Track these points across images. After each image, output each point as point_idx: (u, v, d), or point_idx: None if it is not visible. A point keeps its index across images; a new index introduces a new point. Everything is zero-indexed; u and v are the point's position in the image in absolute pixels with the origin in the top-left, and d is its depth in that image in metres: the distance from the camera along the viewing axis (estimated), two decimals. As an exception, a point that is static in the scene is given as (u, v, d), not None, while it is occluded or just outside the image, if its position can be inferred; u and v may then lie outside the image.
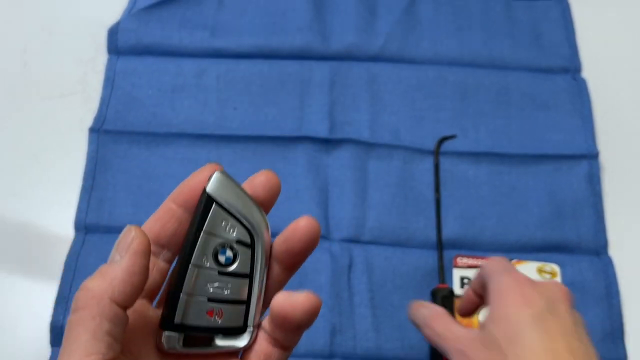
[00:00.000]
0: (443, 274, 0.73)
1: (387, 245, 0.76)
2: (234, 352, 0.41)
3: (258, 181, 0.42)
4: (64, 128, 0.83)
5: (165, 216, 0.42)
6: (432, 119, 0.83)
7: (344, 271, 0.74)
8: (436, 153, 0.80)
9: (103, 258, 0.73)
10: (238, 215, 0.40)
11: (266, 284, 0.42)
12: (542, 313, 0.53)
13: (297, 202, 0.77)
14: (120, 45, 0.86)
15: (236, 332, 0.41)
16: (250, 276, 0.41)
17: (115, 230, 0.74)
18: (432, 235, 0.76)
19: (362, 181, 0.79)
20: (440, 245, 0.75)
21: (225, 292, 0.40)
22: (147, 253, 0.38)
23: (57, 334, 0.70)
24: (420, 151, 0.80)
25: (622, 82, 0.87)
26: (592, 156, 0.80)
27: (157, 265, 0.42)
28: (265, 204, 0.42)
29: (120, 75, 0.85)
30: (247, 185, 0.42)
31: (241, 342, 0.41)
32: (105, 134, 0.81)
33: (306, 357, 0.70)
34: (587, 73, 0.86)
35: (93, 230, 0.76)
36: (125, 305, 0.37)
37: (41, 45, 0.89)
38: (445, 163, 0.80)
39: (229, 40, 0.86)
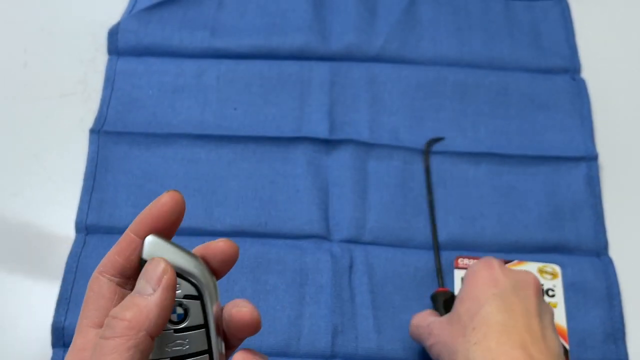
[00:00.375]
0: (442, 277, 0.73)
1: (387, 245, 0.76)
2: None
3: (214, 247, 0.44)
4: (64, 128, 0.83)
5: (129, 248, 0.42)
6: (432, 119, 0.83)
7: (344, 272, 0.74)
8: (426, 155, 0.80)
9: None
10: (179, 272, 0.41)
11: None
12: (506, 292, 0.56)
13: (297, 202, 0.77)
14: (121, 45, 0.86)
15: (198, 354, 0.41)
16: (205, 325, 0.42)
17: (116, 231, 0.75)
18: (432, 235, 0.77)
19: (362, 182, 0.79)
20: (437, 249, 0.75)
21: (185, 348, 0.41)
22: (174, 288, 0.40)
23: (58, 335, 0.70)
24: (420, 151, 0.80)
25: (622, 83, 0.87)
26: (591, 158, 0.80)
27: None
28: (219, 270, 0.44)
29: (121, 76, 0.85)
30: (202, 249, 0.43)
31: None
32: (105, 134, 0.81)
33: (307, 357, 0.70)
34: (586, 73, 0.87)
35: (94, 231, 0.76)
36: (154, 338, 0.39)
37: (41, 46, 0.89)
38: (444, 163, 0.80)
39: (229, 40, 0.86)
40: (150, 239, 0.41)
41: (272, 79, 0.84)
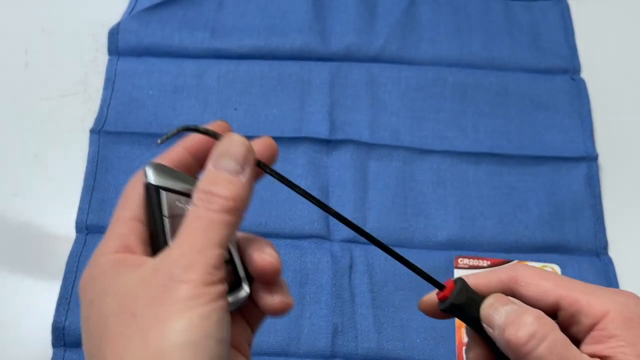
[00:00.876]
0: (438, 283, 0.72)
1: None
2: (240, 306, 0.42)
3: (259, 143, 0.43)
4: (65, 128, 0.83)
5: (179, 158, 0.42)
6: (432, 120, 0.83)
7: (345, 271, 0.74)
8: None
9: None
10: (186, 190, 0.41)
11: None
12: None
13: (297, 202, 0.77)
14: (121, 46, 0.86)
15: (234, 288, 0.41)
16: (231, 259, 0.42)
17: (117, 231, 0.75)
18: (432, 235, 0.77)
19: (362, 182, 0.79)
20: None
21: None
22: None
23: (58, 334, 0.70)
24: (420, 151, 0.80)
25: (621, 83, 0.87)
26: (591, 158, 0.80)
27: None
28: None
29: (121, 76, 0.85)
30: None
31: (242, 293, 0.41)
32: (106, 134, 0.81)
33: (307, 357, 0.70)
34: (586, 74, 0.87)
35: (94, 231, 0.76)
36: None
37: (42, 46, 0.89)
38: (445, 163, 0.80)
39: (229, 41, 0.86)
40: (150, 166, 0.41)
41: (273, 80, 0.84)
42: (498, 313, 0.42)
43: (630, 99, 0.86)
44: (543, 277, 0.44)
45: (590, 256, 0.76)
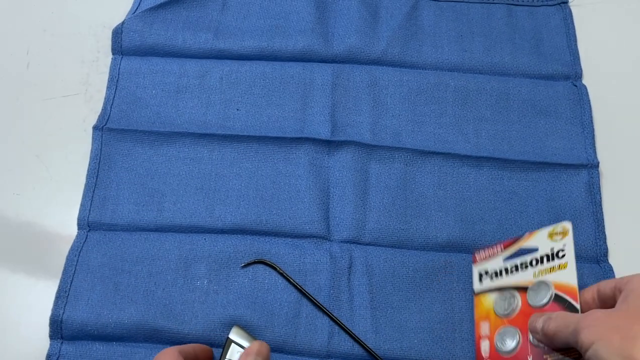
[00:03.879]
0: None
1: (387, 246, 0.76)
2: None
3: None
4: (66, 129, 0.83)
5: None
6: (434, 124, 0.83)
7: (343, 272, 0.74)
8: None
9: (105, 254, 0.75)
10: (245, 345, 0.66)
11: None
12: None
13: (298, 202, 0.78)
14: (125, 45, 0.87)
15: None
16: None
17: (118, 228, 0.76)
18: (432, 237, 0.77)
19: (363, 183, 0.79)
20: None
21: None
22: None
23: (56, 327, 0.71)
24: (422, 153, 0.80)
25: (623, 90, 0.87)
26: (592, 166, 0.80)
27: None
28: None
29: (125, 75, 0.85)
30: None
31: None
32: (109, 132, 0.81)
33: (304, 355, 0.70)
34: (587, 80, 0.87)
35: (96, 228, 0.76)
36: None
37: (44, 47, 0.89)
38: (446, 165, 0.80)
39: (232, 42, 0.87)
40: (235, 328, 0.68)
41: (275, 81, 0.85)
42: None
43: (631, 106, 0.86)
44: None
45: (590, 263, 0.76)
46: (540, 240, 0.70)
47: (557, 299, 0.65)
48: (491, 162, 0.80)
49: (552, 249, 0.68)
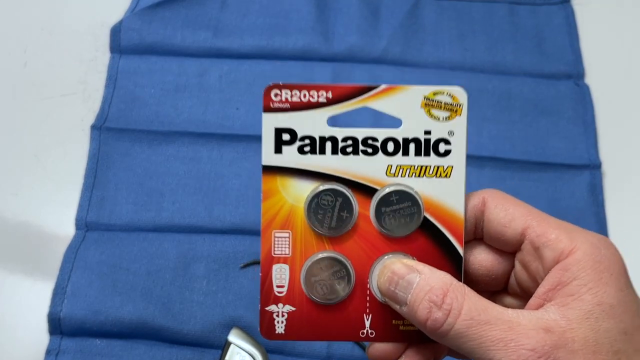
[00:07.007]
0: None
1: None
2: None
3: None
4: (64, 128, 0.83)
5: None
6: (435, 123, 0.82)
7: (344, 272, 0.73)
8: None
9: (103, 252, 0.74)
10: (244, 347, 0.66)
11: None
12: None
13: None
14: (123, 44, 0.86)
15: None
16: None
17: (116, 228, 0.75)
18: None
19: (364, 182, 0.78)
20: None
21: None
22: None
23: (55, 324, 0.70)
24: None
25: (626, 89, 0.87)
26: (594, 166, 0.80)
27: None
28: None
29: (123, 74, 0.85)
30: None
31: None
32: (107, 131, 0.81)
33: (303, 357, 0.70)
34: (590, 79, 0.86)
35: (94, 228, 0.76)
36: None
37: (42, 45, 0.89)
38: (447, 165, 0.80)
39: (232, 40, 0.87)
40: (234, 329, 0.67)
41: (275, 80, 0.84)
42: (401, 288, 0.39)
43: (634, 106, 0.86)
44: (514, 203, 0.41)
45: (592, 264, 0.75)
46: (408, 106, 0.42)
47: (426, 226, 0.42)
48: (493, 162, 0.80)
49: (428, 132, 0.42)
